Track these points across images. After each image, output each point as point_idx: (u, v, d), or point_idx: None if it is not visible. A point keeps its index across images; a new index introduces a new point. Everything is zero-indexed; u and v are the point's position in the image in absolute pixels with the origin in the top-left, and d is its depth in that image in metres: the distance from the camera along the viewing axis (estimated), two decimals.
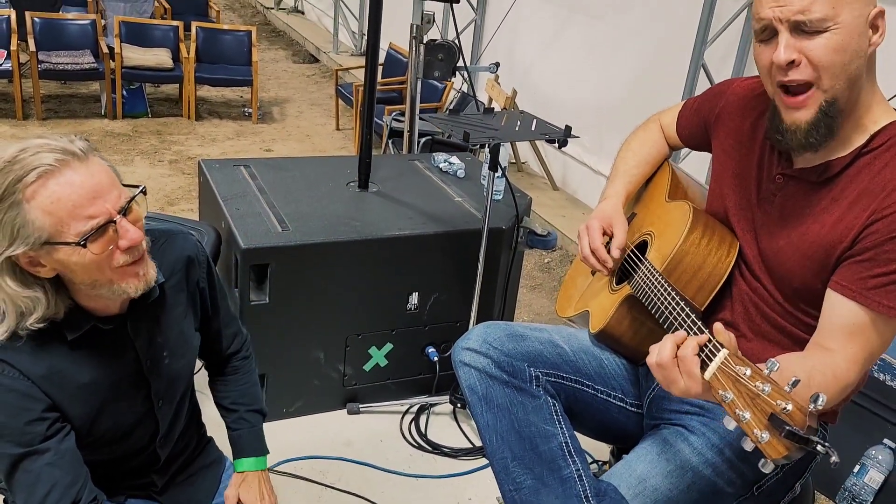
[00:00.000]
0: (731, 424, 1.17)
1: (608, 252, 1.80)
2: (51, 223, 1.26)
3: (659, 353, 1.33)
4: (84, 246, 1.28)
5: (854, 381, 1.44)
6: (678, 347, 1.32)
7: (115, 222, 1.31)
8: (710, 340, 1.29)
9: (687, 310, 1.48)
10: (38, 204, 1.25)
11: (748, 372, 1.18)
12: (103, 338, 1.46)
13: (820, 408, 1.09)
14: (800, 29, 1.36)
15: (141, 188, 1.39)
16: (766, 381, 1.15)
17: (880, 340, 1.43)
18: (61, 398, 1.41)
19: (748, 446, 1.15)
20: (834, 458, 1.10)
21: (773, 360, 1.17)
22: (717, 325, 1.31)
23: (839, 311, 1.43)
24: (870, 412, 2.65)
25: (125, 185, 1.37)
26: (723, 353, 1.25)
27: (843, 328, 1.43)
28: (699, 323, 1.42)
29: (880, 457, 2.60)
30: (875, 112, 1.47)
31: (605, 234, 1.84)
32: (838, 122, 1.42)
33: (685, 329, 1.44)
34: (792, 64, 1.38)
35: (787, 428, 1.09)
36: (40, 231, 1.26)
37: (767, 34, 1.41)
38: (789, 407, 1.10)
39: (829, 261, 1.47)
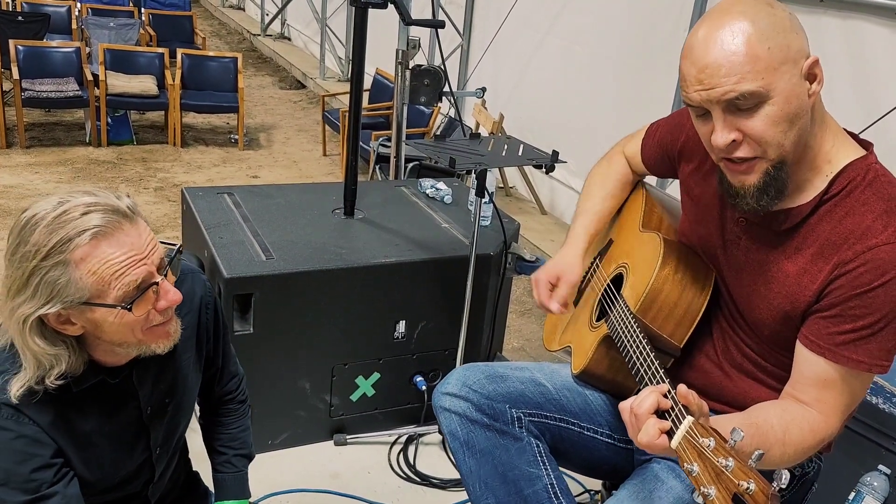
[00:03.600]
0: (699, 499, 1.13)
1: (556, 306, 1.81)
2: (93, 283, 1.22)
3: (640, 404, 1.26)
4: (129, 309, 1.25)
5: (833, 432, 1.40)
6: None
7: (157, 283, 1.28)
8: (674, 406, 1.24)
9: (657, 363, 1.44)
10: (86, 265, 1.21)
11: (711, 444, 1.13)
12: (108, 388, 1.42)
13: (783, 486, 1.05)
14: (734, 107, 1.30)
15: (178, 247, 1.35)
16: (729, 455, 1.10)
17: (853, 393, 1.40)
18: (65, 445, 1.37)
19: None
20: None
21: (737, 428, 1.12)
22: (681, 388, 1.24)
23: (810, 365, 1.40)
24: (863, 438, 2.61)
25: (163, 243, 1.34)
26: (687, 421, 1.19)
27: (815, 382, 1.39)
28: (668, 380, 1.37)
29: (875, 483, 2.56)
30: (829, 151, 1.40)
31: (552, 286, 1.83)
32: (787, 179, 1.37)
33: (652, 382, 1.42)
34: (734, 143, 1.33)
35: None
36: (82, 292, 1.22)
37: (701, 111, 1.35)
38: (752, 487, 1.06)
39: (796, 313, 1.43)
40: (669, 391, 1.27)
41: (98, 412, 1.41)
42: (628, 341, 1.57)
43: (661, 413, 1.26)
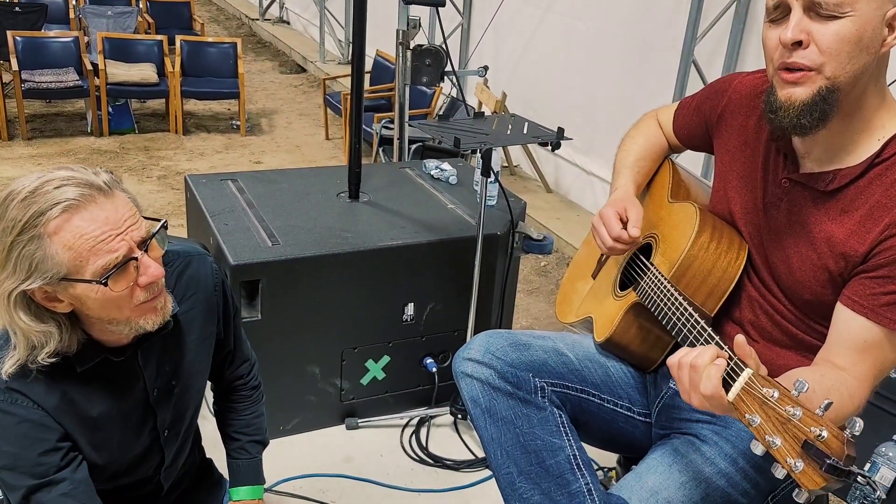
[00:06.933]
0: (758, 449, 1.10)
1: (628, 234, 1.71)
2: (70, 259, 1.22)
3: (698, 356, 1.25)
4: (105, 284, 1.24)
5: (866, 399, 1.39)
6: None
7: (136, 259, 1.27)
8: (731, 358, 1.23)
9: (703, 322, 1.43)
10: (60, 239, 1.21)
11: (776, 394, 1.11)
12: (113, 368, 1.41)
13: (857, 434, 1.03)
14: (814, 10, 1.31)
15: (163, 223, 1.33)
16: (797, 404, 1.08)
17: (887, 360, 1.39)
18: (72, 428, 1.37)
19: (780, 473, 1.08)
20: (879, 493, 1.05)
21: (800, 380, 1.11)
22: (739, 339, 1.24)
23: (850, 326, 1.39)
24: (878, 409, 2.60)
25: (147, 218, 1.32)
26: (746, 372, 1.18)
27: (854, 345, 1.38)
28: (717, 338, 1.36)
29: (891, 454, 2.55)
30: (883, 116, 1.41)
31: (620, 219, 1.75)
32: (834, 111, 1.36)
33: (699, 341, 1.40)
34: (798, 45, 1.33)
35: (828, 461, 1.02)
36: (59, 266, 1.22)
37: (780, 13, 1.36)
38: (824, 434, 1.03)
39: (841, 275, 1.42)
40: (721, 344, 1.26)
41: (104, 394, 1.41)
42: (663, 301, 1.55)
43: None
